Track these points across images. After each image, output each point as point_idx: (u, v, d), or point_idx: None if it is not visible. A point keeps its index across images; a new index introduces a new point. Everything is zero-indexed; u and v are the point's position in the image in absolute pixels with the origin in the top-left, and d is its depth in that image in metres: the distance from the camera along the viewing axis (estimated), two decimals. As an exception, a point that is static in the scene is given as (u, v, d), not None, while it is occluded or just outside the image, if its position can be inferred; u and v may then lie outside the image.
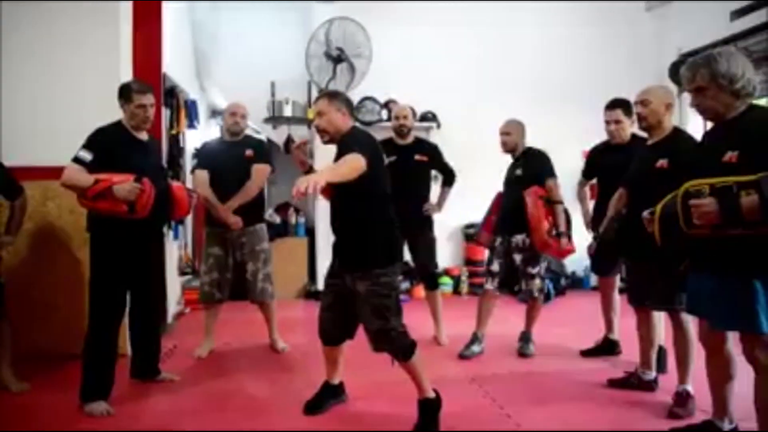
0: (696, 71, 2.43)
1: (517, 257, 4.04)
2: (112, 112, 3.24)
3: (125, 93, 3.20)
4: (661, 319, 3.37)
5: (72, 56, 4.01)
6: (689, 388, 3.06)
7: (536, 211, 3.90)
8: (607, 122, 3.92)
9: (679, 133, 3.14)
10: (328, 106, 2.89)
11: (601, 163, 4.06)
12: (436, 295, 4.54)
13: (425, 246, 4.41)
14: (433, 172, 4.58)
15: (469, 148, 5.84)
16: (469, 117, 6.39)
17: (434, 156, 4.49)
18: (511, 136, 4.11)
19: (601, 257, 3.79)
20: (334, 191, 2.86)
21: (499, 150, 4.31)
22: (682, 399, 3.03)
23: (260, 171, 4.12)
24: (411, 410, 2.88)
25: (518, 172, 4.06)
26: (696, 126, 3.91)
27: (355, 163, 2.62)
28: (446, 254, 6.39)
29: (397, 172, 3.65)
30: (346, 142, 2.80)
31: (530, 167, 4.06)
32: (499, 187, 4.28)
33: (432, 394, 2.89)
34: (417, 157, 4.36)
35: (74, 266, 3.89)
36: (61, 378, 3.41)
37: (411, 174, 4.26)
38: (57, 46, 4.01)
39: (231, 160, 4.07)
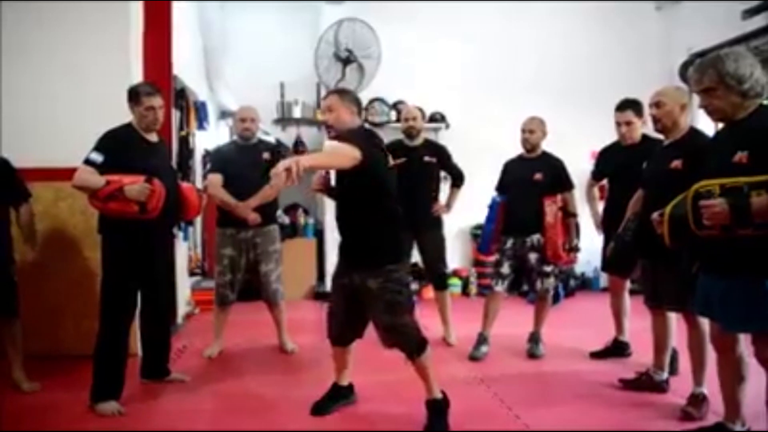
0: (704, 72, 2.42)
1: (533, 256, 4.03)
2: (124, 114, 3.27)
3: (134, 96, 3.22)
4: (673, 321, 3.35)
5: (83, 58, 4.03)
6: (705, 390, 3.01)
7: (555, 222, 3.92)
8: (618, 123, 3.89)
9: (695, 134, 3.11)
10: (338, 103, 2.92)
11: (612, 164, 4.04)
12: (445, 295, 4.54)
13: (434, 246, 4.40)
14: (443, 173, 4.57)
15: (477, 149, 5.82)
16: (478, 117, 6.38)
17: (443, 157, 4.49)
18: (534, 134, 4.09)
19: (618, 258, 3.75)
20: (337, 189, 2.88)
21: (507, 150, 4.31)
22: (698, 401, 2.99)
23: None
24: (420, 411, 2.88)
25: (537, 176, 4.03)
26: (707, 126, 3.88)
27: (345, 152, 2.63)
28: (455, 255, 6.37)
29: (407, 174, 3.67)
30: (344, 137, 2.80)
31: (550, 173, 4.05)
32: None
33: (440, 395, 2.89)
34: (426, 158, 4.36)
35: (85, 267, 3.92)
36: (72, 378, 3.43)
37: (420, 175, 4.27)
38: (68, 47, 4.04)
39: (247, 163, 4.08)
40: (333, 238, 5.99)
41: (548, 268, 4.04)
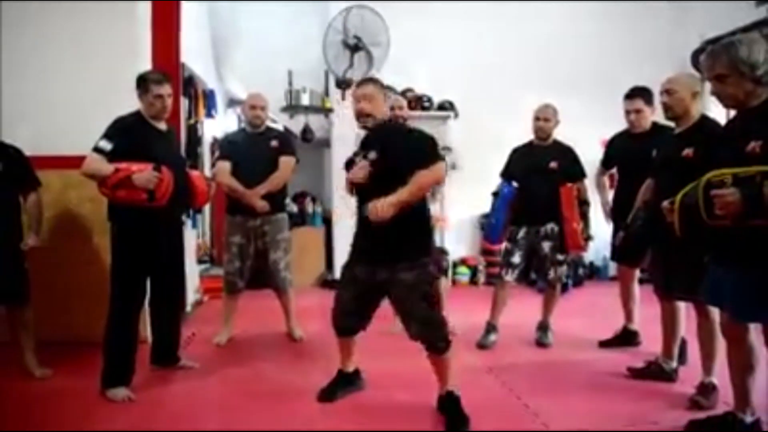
0: (716, 58, 2.39)
1: (546, 245, 4.02)
2: (133, 102, 3.26)
3: (142, 84, 3.21)
4: (682, 310, 3.33)
5: (92, 47, 4.02)
6: (715, 380, 3.00)
7: (573, 212, 3.92)
8: (627, 112, 3.86)
9: (706, 122, 3.07)
10: (377, 92, 2.92)
11: (621, 152, 4.01)
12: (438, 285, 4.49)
13: None
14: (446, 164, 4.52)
15: (487, 137, 5.79)
16: (488, 106, 6.33)
17: None
18: (549, 122, 4.06)
19: (628, 247, 3.72)
20: (374, 181, 2.81)
21: (516, 139, 4.28)
22: (707, 390, 2.98)
23: (288, 164, 4.16)
24: (426, 398, 2.89)
25: (553, 164, 4.01)
26: (718, 114, 3.83)
27: (440, 175, 2.77)
28: (463, 244, 6.38)
29: None
30: (416, 142, 2.85)
31: (564, 161, 4.04)
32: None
33: (456, 388, 2.88)
34: None
35: (95, 254, 3.94)
36: (83, 364, 3.45)
37: None
38: (76, 35, 4.03)
39: (256, 151, 4.08)
40: (342, 226, 6.01)
41: (561, 257, 4.04)
